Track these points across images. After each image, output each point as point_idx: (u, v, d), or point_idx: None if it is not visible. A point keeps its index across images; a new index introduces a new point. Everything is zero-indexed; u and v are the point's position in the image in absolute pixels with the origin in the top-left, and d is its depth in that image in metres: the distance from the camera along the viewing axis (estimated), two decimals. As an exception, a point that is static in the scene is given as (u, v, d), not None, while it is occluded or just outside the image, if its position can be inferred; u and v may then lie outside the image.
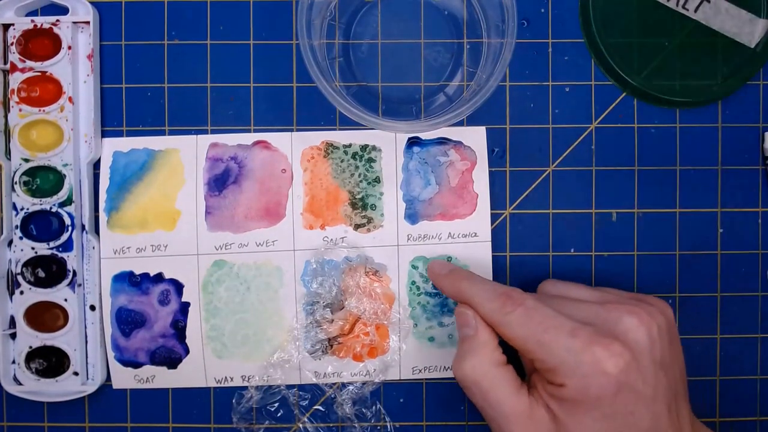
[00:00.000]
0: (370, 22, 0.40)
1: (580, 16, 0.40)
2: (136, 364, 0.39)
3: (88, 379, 0.39)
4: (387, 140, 0.40)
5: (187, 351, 0.39)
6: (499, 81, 0.34)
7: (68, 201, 0.38)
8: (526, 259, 0.40)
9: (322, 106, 0.40)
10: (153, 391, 0.40)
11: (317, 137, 0.40)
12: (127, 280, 0.39)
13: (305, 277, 0.39)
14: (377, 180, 0.40)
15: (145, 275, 0.39)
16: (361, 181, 0.40)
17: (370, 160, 0.40)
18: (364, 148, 0.40)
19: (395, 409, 0.40)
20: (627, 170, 0.40)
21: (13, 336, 0.39)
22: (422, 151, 0.40)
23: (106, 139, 0.40)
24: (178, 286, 0.39)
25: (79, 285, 0.39)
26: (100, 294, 0.39)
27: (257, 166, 0.40)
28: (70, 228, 0.38)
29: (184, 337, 0.39)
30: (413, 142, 0.40)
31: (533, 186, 0.40)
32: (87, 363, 0.39)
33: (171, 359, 0.40)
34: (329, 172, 0.40)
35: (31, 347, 0.39)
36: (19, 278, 0.38)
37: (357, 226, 0.40)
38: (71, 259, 0.38)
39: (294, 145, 0.40)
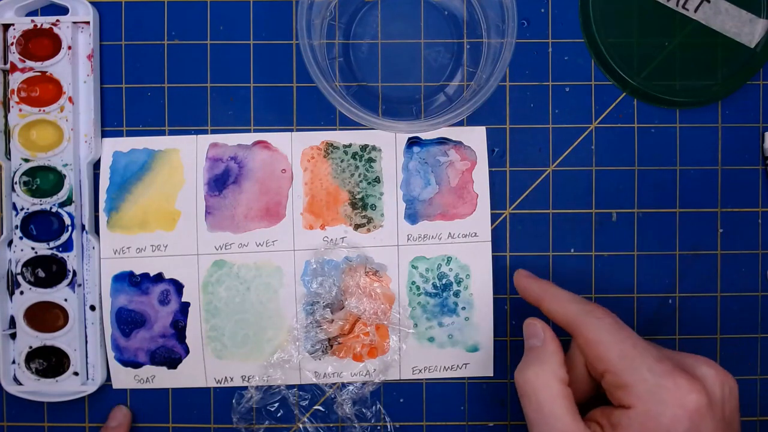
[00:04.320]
0: (370, 22, 0.40)
1: (580, 16, 0.40)
2: (136, 364, 0.39)
3: (88, 379, 0.39)
4: (387, 140, 0.40)
5: (187, 351, 0.39)
6: (499, 81, 0.34)
7: (68, 201, 0.38)
8: (526, 259, 0.40)
9: (322, 106, 0.40)
10: (153, 391, 0.40)
11: (317, 137, 0.40)
12: (127, 280, 0.39)
13: (305, 277, 0.39)
14: (377, 180, 0.40)
15: (145, 275, 0.39)
16: (361, 181, 0.40)
17: (370, 160, 0.40)
18: (364, 148, 0.40)
19: (395, 409, 0.40)
20: (627, 170, 0.40)
21: (13, 336, 0.39)
22: (422, 151, 0.40)
23: (106, 139, 0.39)
24: (178, 286, 0.39)
25: (79, 285, 0.39)
26: (100, 294, 0.39)
27: (257, 166, 0.40)
28: (70, 228, 0.38)
29: (184, 338, 0.39)
30: (413, 142, 0.40)
31: (533, 186, 0.40)
32: (87, 363, 0.39)
33: (171, 359, 0.40)
34: (329, 172, 0.40)
35: (31, 347, 0.39)
36: (19, 278, 0.38)
37: (357, 226, 0.40)
38: (71, 259, 0.38)
39: (294, 145, 0.40)
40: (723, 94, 0.39)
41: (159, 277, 0.39)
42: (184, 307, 0.39)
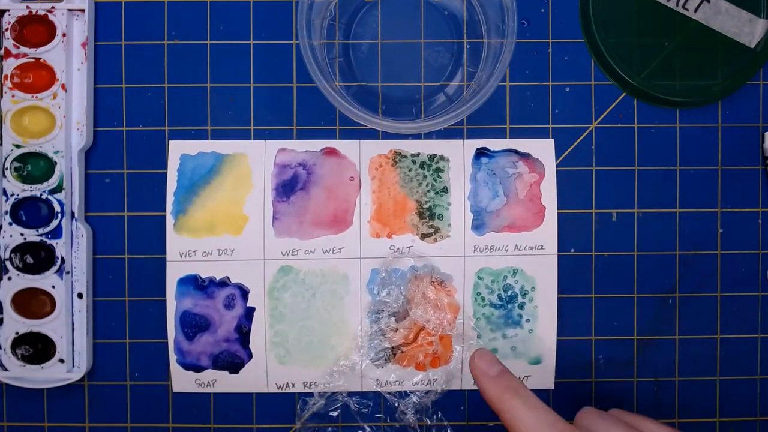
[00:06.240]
0: (370, 22, 0.40)
1: (580, 16, 0.40)
2: (198, 368, 0.39)
3: (74, 366, 0.39)
4: (455, 150, 0.39)
5: (250, 356, 0.39)
6: (499, 81, 0.34)
7: (59, 188, 0.38)
8: (526, 259, 0.40)
9: (322, 106, 0.40)
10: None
11: (385, 145, 0.40)
12: (193, 283, 0.39)
13: (371, 285, 0.39)
14: (445, 190, 0.39)
15: (211, 279, 0.39)
16: (428, 191, 0.39)
17: (438, 170, 0.39)
18: (431, 157, 0.40)
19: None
20: (627, 170, 0.40)
21: (0, 322, 0.39)
22: (490, 163, 0.39)
23: (173, 141, 0.39)
24: (244, 291, 0.39)
25: (67, 272, 0.39)
26: (87, 282, 0.39)
27: (325, 173, 0.39)
28: (59, 215, 0.38)
29: (248, 342, 0.39)
30: (481, 152, 0.39)
31: (533, 186, 0.40)
32: (73, 350, 0.39)
33: (234, 364, 0.39)
34: (397, 180, 0.40)
35: (17, 333, 0.38)
36: (8, 264, 0.38)
37: (424, 236, 0.39)
38: (60, 246, 0.38)
39: (362, 153, 0.39)
40: (723, 94, 0.39)
41: (225, 282, 0.39)
42: (249, 312, 0.39)
